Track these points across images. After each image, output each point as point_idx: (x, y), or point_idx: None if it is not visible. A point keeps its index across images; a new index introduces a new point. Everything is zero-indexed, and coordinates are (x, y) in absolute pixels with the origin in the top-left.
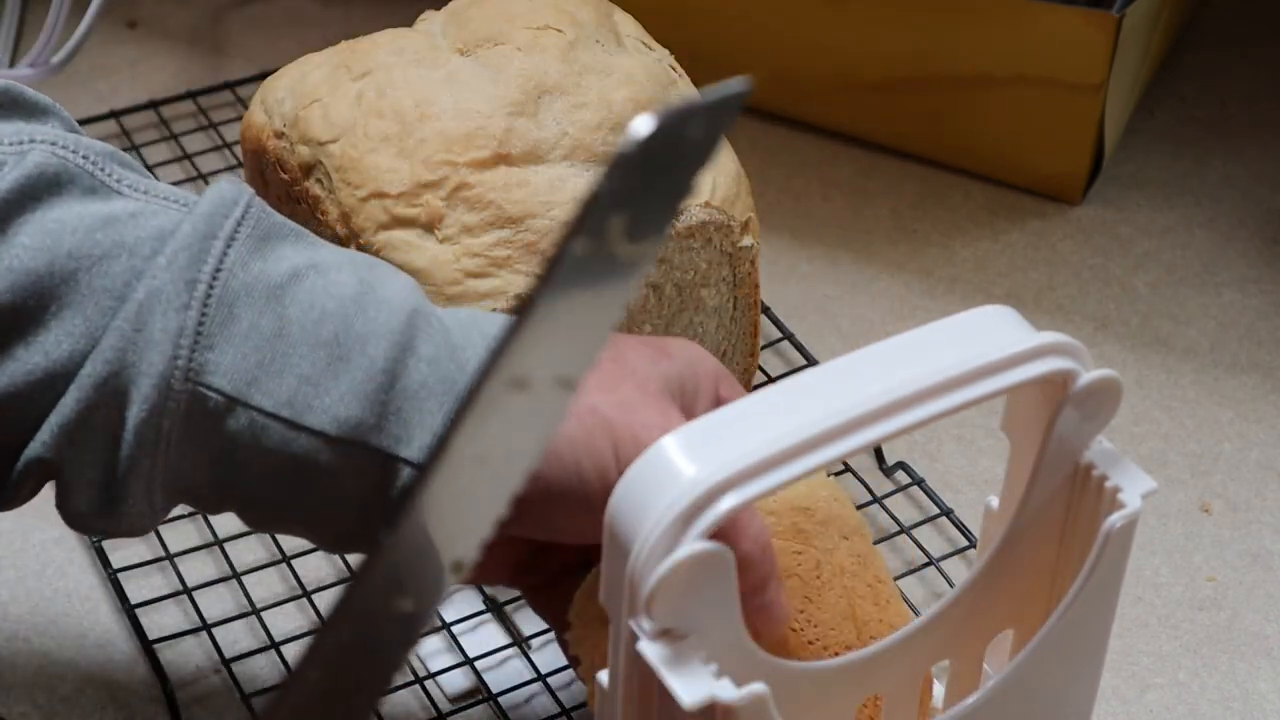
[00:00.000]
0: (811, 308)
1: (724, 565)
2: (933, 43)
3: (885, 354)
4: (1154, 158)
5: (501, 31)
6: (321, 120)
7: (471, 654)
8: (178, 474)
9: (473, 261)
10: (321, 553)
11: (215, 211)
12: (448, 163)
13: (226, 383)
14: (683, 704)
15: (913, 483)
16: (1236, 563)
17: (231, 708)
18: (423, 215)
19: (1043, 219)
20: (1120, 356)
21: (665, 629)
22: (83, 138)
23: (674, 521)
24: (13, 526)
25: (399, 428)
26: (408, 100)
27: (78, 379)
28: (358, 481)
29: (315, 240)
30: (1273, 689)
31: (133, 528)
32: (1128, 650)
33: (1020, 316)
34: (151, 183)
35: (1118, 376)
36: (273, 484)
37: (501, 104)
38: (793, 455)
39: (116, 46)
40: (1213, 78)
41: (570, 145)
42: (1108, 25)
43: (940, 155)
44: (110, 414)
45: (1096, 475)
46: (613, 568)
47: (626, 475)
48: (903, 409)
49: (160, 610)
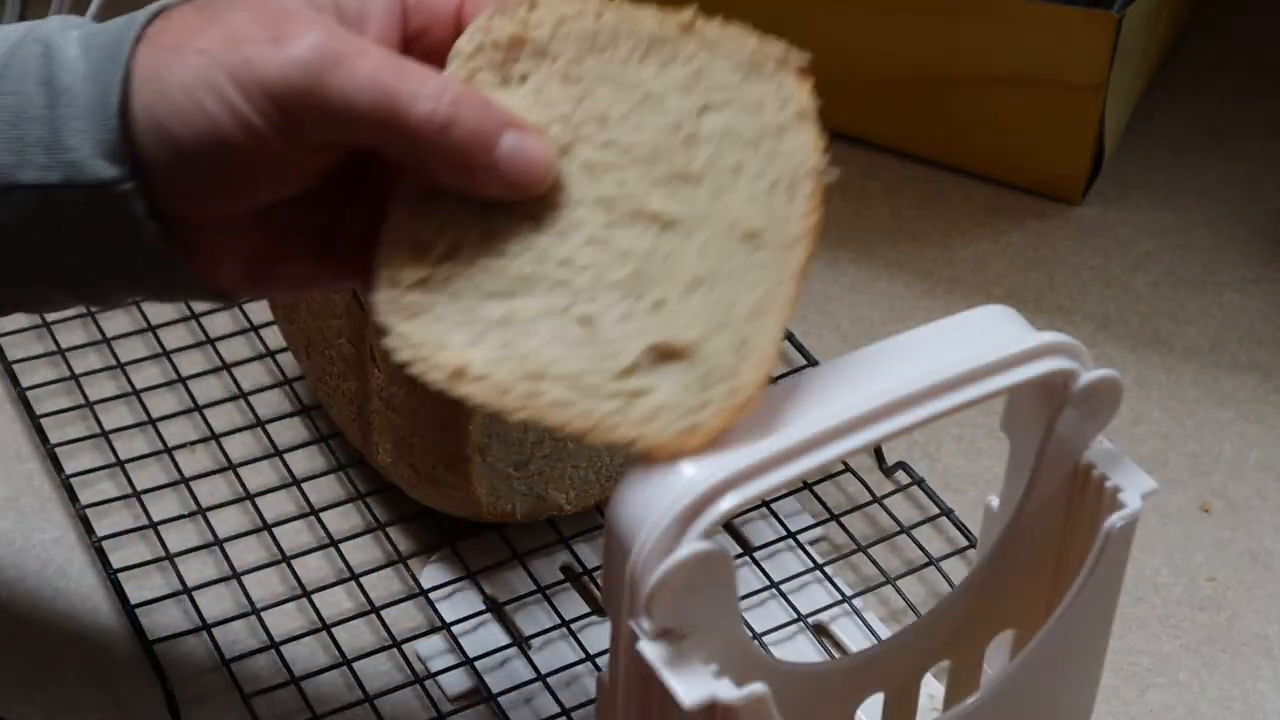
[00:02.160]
0: (811, 308)
1: (724, 565)
2: (933, 43)
3: (885, 354)
4: (1154, 158)
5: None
6: None
7: (471, 654)
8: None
9: None
10: (322, 553)
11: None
12: None
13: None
14: (682, 704)
15: (913, 483)
16: (1236, 563)
17: (232, 708)
18: None
19: (1043, 219)
20: (1120, 356)
21: (665, 629)
22: None
23: (673, 522)
24: (13, 527)
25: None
26: None
27: None
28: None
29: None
30: (1273, 689)
31: None
32: (1128, 650)
33: (1020, 316)
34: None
35: (1118, 376)
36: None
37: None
38: (793, 455)
39: None
40: (1213, 78)
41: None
42: (1108, 25)
43: (940, 155)
44: None
45: (1096, 475)
46: (613, 568)
47: (628, 476)
48: (902, 409)
49: (160, 610)
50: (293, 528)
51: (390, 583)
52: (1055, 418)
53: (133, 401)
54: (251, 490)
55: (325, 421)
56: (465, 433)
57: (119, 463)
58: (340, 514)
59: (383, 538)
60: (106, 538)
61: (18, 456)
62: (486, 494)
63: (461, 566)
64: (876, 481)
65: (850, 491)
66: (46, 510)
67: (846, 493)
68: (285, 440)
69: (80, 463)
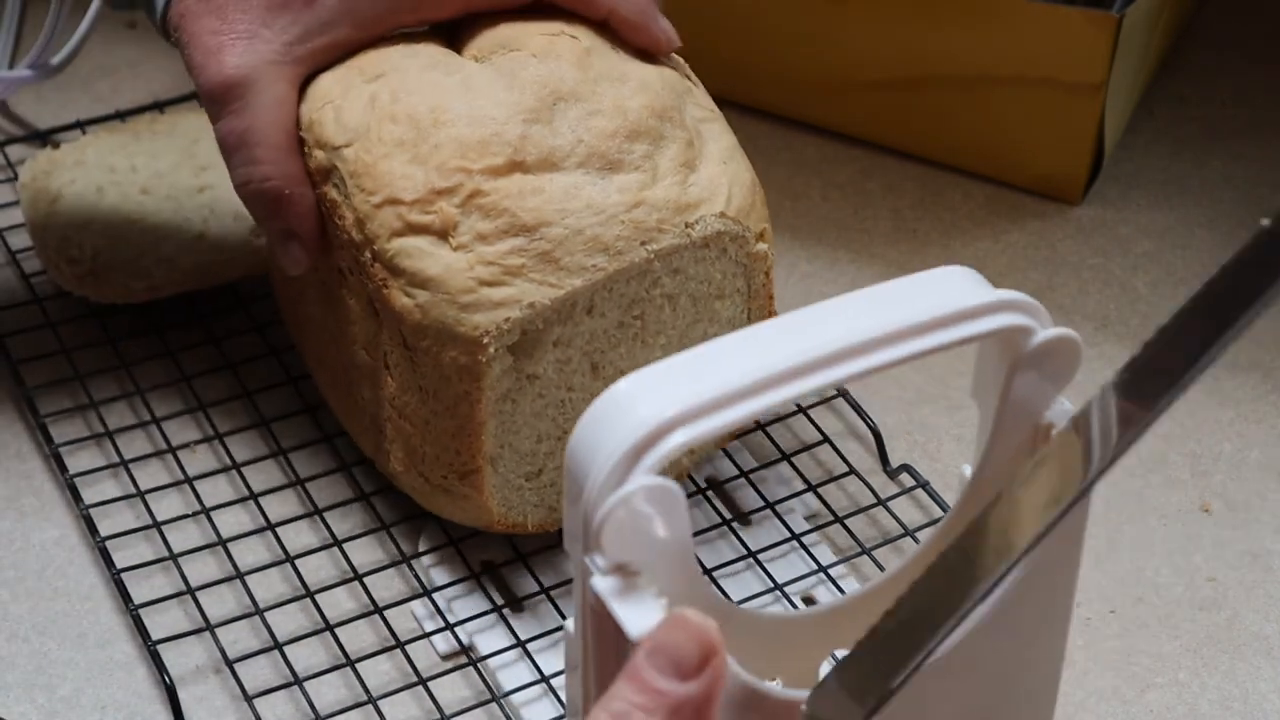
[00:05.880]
0: None
1: (674, 501)
2: (933, 43)
3: (843, 305)
4: (1154, 158)
5: (516, 38)
6: (334, 123)
7: (475, 655)
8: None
9: (486, 270)
10: (325, 553)
11: None
12: (462, 169)
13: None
14: (629, 635)
15: (917, 485)
16: (1236, 563)
17: (234, 708)
18: (436, 222)
19: (1043, 219)
20: (1120, 356)
21: (618, 565)
22: None
23: (623, 457)
24: (13, 527)
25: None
26: (422, 105)
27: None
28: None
29: None
30: (1273, 689)
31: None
32: (1128, 650)
33: (981, 277)
34: None
35: (1075, 336)
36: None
37: (516, 110)
38: (744, 395)
39: (117, 47)
40: (1213, 78)
41: (585, 153)
42: (1108, 25)
43: (940, 155)
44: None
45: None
46: (569, 505)
47: (584, 416)
48: (855, 355)
49: (163, 611)
50: (296, 528)
51: (394, 583)
52: (1013, 376)
53: (136, 401)
54: (255, 490)
55: (330, 421)
56: (478, 443)
57: (123, 462)
58: (344, 514)
59: (387, 538)
60: (110, 538)
61: (18, 456)
62: (498, 505)
63: (466, 567)
64: (880, 483)
65: (850, 491)
66: (47, 510)
67: (849, 493)
68: (289, 440)
69: (82, 462)
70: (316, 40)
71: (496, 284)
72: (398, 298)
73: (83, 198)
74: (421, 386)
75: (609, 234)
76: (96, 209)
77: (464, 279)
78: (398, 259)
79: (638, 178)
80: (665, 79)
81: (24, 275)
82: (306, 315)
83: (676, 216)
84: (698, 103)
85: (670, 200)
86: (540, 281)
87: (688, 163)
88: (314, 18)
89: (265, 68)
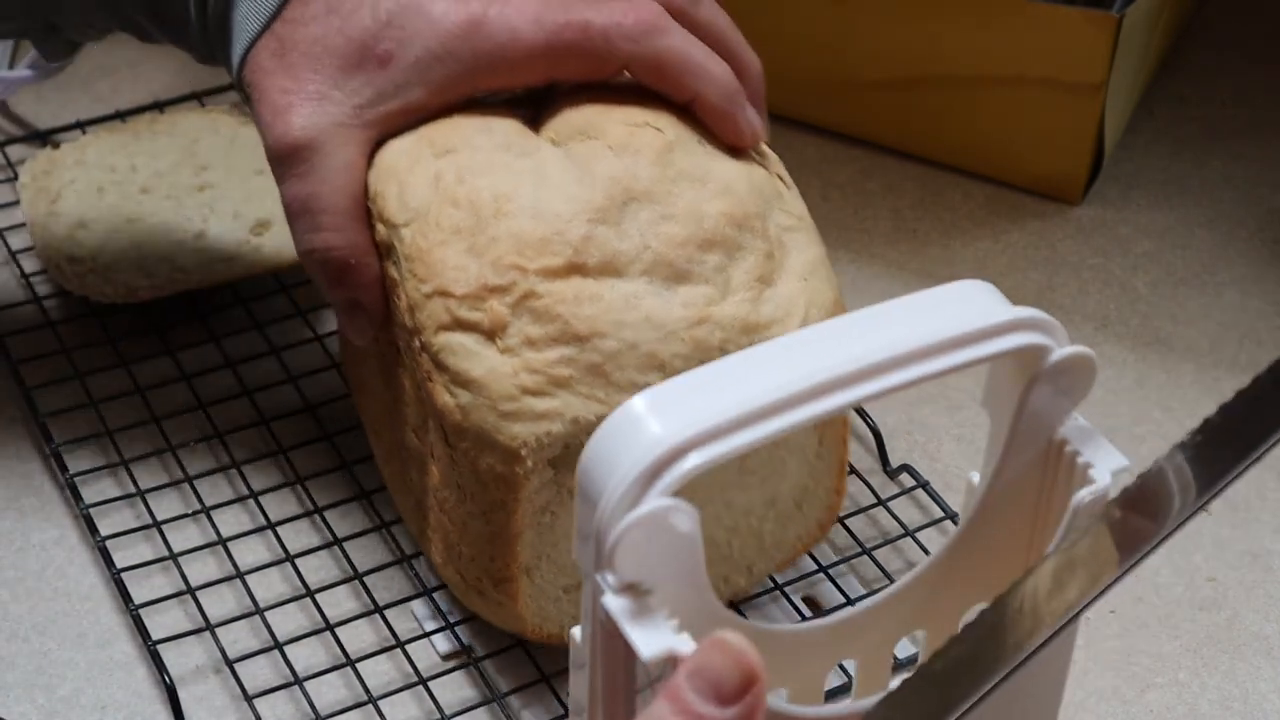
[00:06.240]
0: None
1: (688, 523)
2: (933, 43)
3: (859, 322)
4: (1154, 158)
5: (596, 124)
6: (397, 199)
7: (475, 655)
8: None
9: (531, 378)
10: (325, 553)
11: None
12: (517, 267)
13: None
14: (640, 656)
15: (917, 485)
16: (1236, 563)
17: (234, 708)
18: (485, 321)
19: (1043, 219)
20: (1120, 356)
21: (629, 584)
22: None
23: (638, 478)
24: (13, 526)
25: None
26: (486, 191)
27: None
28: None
29: None
30: (1273, 689)
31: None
32: (1128, 650)
33: (998, 291)
34: None
35: (1091, 354)
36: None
37: (584, 208)
38: (760, 417)
39: (117, 47)
40: (1213, 78)
41: (651, 260)
42: (1108, 25)
43: (940, 155)
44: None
45: (1069, 451)
46: (582, 522)
47: (597, 432)
48: (872, 376)
49: (163, 611)
50: (296, 527)
51: (394, 583)
52: (1028, 392)
53: (136, 400)
54: (255, 489)
55: (331, 419)
56: (513, 552)
57: (123, 462)
58: (344, 513)
59: (387, 536)
60: (110, 537)
61: (18, 456)
62: (533, 615)
63: None
64: (880, 483)
65: (850, 490)
66: (47, 510)
67: (848, 493)
68: (289, 439)
69: (82, 462)
70: (389, 104)
71: (541, 394)
72: (440, 394)
73: (83, 198)
74: (460, 485)
75: (666, 351)
76: (96, 209)
77: (508, 385)
78: (442, 354)
79: (705, 291)
80: (753, 181)
81: (24, 275)
82: (367, 382)
83: (743, 337)
84: (786, 209)
85: (738, 319)
86: (587, 396)
87: (764, 277)
88: (388, 80)
89: (334, 130)
